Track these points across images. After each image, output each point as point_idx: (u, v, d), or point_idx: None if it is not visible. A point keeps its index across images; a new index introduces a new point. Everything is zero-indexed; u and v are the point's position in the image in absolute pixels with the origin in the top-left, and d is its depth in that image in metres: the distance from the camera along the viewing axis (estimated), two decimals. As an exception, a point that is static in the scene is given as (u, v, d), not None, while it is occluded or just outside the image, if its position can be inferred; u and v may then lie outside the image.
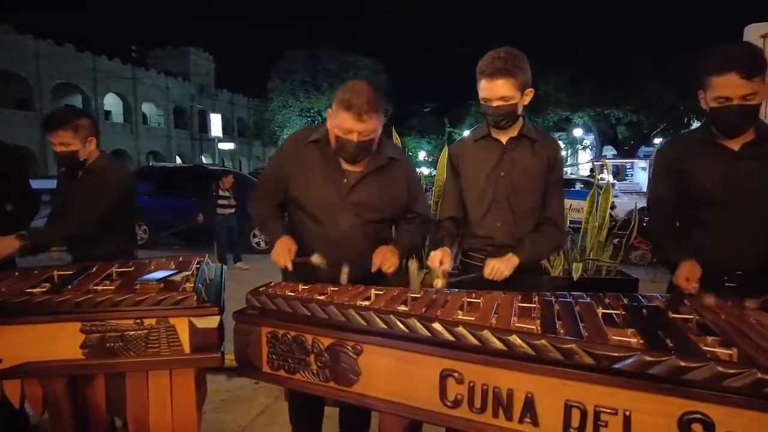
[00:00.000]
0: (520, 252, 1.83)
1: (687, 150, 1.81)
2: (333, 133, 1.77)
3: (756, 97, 1.59)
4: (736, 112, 1.61)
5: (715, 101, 1.64)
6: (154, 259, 2.20)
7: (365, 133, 1.71)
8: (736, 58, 1.57)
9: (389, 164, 1.88)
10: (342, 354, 1.40)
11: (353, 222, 1.84)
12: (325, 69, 30.38)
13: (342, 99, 1.68)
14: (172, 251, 9.18)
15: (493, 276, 1.79)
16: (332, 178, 1.84)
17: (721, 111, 1.64)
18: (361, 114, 1.65)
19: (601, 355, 1.08)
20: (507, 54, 1.76)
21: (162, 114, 36.89)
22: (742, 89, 1.58)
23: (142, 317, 1.60)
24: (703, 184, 1.75)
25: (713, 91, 1.64)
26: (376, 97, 1.69)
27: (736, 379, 0.97)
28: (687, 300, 1.49)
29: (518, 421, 1.19)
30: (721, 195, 1.72)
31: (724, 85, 1.60)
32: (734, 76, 1.57)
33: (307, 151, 1.86)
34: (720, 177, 1.72)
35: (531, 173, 1.87)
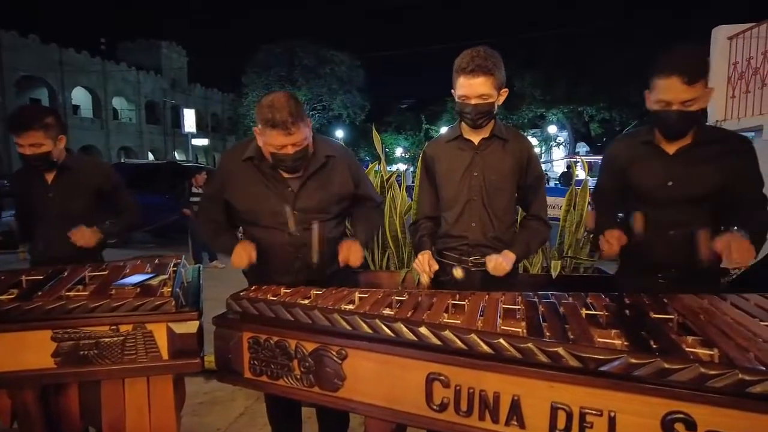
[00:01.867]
0: (516, 248, 1.86)
1: (631, 151, 1.84)
2: (267, 150, 1.77)
3: (695, 103, 1.60)
4: (675, 116, 1.63)
5: (657, 104, 1.66)
6: (129, 262, 2.14)
7: (298, 143, 1.72)
8: (680, 63, 1.57)
9: (328, 162, 1.89)
10: (326, 359, 1.38)
11: (303, 227, 1.85)
12: (301, 64, 30.10)
13: (265, 118, 1.67)
14: (145, 250, 8.98)
15: (497, 271, 1.80)
16: (275, 189, 1.84)
17: (661, 114, 1.66)
18: (288, 128, 1.66)
19: (587, 358, 1.09)
20: (486, 52, 1.76)
21: (133, 109, 35.92)
22: (682, 94, 1.58)
23: (118, 323, 1.55)
24: (641, 185, 1.79)
25: (655, 93, 1.65)
26: (297, 107, 1.69)
27: (719, 379, 0.99)
28: (666, 299, 1.52)
29: (505, 424, 1.19)
30: (656, 196, 1.76)
31: (666, 88, 1.60)
32: (676, 81, 1.57)
33: (243, 169, 1.86)
34: (655, 178, 1.75)
35: (504, 173, 1.88)
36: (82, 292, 1.67)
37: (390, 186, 3.44)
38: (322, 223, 1.86)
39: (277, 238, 1.85)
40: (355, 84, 32.39)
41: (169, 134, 38.61)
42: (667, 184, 1.74)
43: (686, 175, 1.72)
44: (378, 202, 2.15)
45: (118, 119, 35.35)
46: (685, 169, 1.72)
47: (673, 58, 1.59)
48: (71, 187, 2.23)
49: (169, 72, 38.69)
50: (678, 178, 1.73)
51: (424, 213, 2.04)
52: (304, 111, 1.76)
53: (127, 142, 35.07)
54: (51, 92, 29.52)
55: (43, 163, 2.16)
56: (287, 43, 30.61)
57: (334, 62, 30.70)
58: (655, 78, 1.63)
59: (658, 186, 1.76)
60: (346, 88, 31.80)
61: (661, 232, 1.77)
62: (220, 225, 1.98)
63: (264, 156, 1.82)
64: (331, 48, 31.21)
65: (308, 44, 30.62)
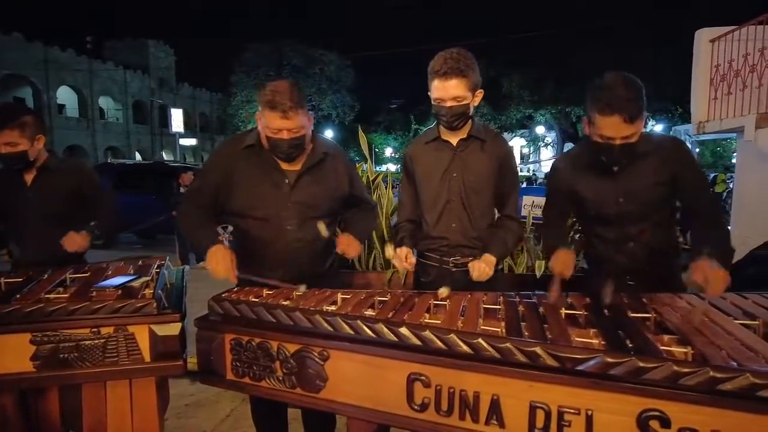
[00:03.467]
0: (493, 250, 1.86)
1: (576, 170, 1.85)
2: (264, 134, 1.78)
3: (635, 135, 1.62)
4: (618, 149, 1.64)
5: (599, 137, 1.66)
6: (111, 263, 2.12)
7: (294, 130, 1.74)
8: (620, 103, 1.56)
9: (325, 159, 1.90)
10: (308, 360, 1.38)
11: (298, 220, 1.85)
12: (290, 63, 29.98)
13: (266, 100, 1.70)
14: (132, 251, 8.90)
15: (481, 278, 1.80)
16: (273, 179, 1.85)
17: (603, 147, 1.67)
18: (286, 111, 1.68)
19: (564, 357, 1.10)
20: (459, 54, 1.77)
21: (120, 108, 35.48)
22: (624, 131, 1.60)
23: (99, 326, 1.54)
24: (593, 206, 1.82)
25: (597, 128, 1.65)
26: (298, 94, 1.72)
27: (691, 377, 1.01)
28: (645, 298, 1.54)
29: (485, 423, 1.20)
30: (610, 214, 1.79)
31: (608, 125, 1.61)
32: (617, 119, 1.58)
33: (243, 157, 1.86)
34: (604, 196, 1.78)
35: (482, 173, 1.90)
36: (63, 295, 1.65)
37: (376, 186, 3.45)
38: None
39: (270, 230, 1.84)
40: (344, 84, 32.33)
41: (157, 134, 38.23)
42: (618, 201, 1.76)
43: (635, 190, 1.75)
44: (372, 204, 2.17)
45: (105, 119, 34.91)
46: (633, 183, 1.75)
47: (614, 95, 1.57)
48: (50, 188, 2.21)
49: (157, 71, 38.30)
50: (626, 193, 1.75)
51: (405, 215, 2.04)
52: (306, 101, 1.78)
53: (114, 142, 34.66)
54: (35, 91, 29.06)
55: (18, 162, 2.13)
56: (276, 42, 30.47)
57: (323, 62, 30.63)
58: (596, 114, 1.62)
59: (610, 204, 1.78)
60: (336, 88, 31.74)
61: (619, 246, 1.81)
62: (205, 215, 1.90)
63: (263, 144, 1.83)
64: (320, 48, 31.14)
65: (297, 44, 30.51)
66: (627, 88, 1.58)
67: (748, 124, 5.22)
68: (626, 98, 1.57)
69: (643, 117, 1.63)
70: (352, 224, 2.03)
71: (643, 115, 1.63)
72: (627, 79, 1.61)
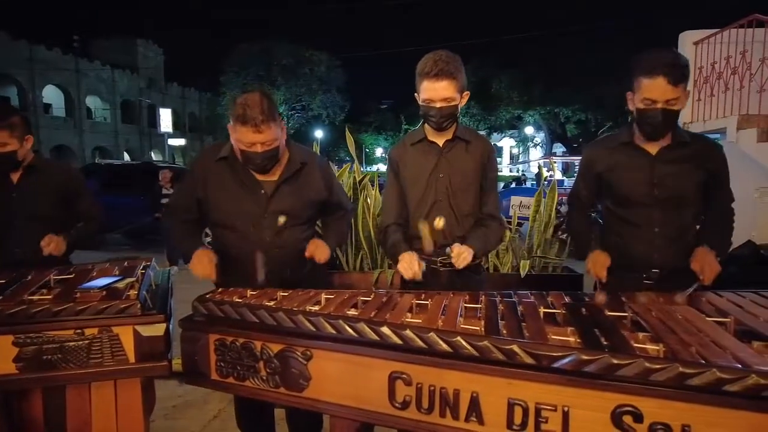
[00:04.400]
0: (474, 245, 1.89)
1: (610, 153, 1.91)
2: (237, 147, 1.79)
3: (678, 103, 1.71)
4: (660, 114, 1.71)
5: (642, 102, 1.74)
6: (96, 265, 2.12)
7: (268, 143, 1.74)
8: (666, 64, 1.67)
9: (302, 168, 1.92)
10: (292, 360, 1.39)
11: (277, 230, 1.86)
12: (280, 64, 29.89)
13: (237, 114, 1.70)
14: (120, 252, 8.83)
15: (458, 260, 1.83)
16: (249, 190, 1.86)
17: (646, 112, 1.74)
18: (258, 125, 1.69)
19: (540, 355, 1.13)
20: (447, 56, 1.80)
21: (108, 108, 35.10)
22: (667, 93, 1.68)
23: (83, 327, 1.54)
24: (624, 186, 1.86)
25: (641, 92, 1.73)
26: (270, 106, 1.72)
27: (661, 373, 1.04)
28: (624, 297, 1.58)
29: (464, 420, 1.22)
30: (640, 196, 1.84)
31: (652, 87, 1.69)
32: (662, 80, 1.66)
33: (217, 169, 1.88)
34: (639, 179, 1.83)
35: (468, 173, 1.93)
36: (46, 296, 1.65)
37: (363, 187, 3.46)
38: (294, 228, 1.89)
39: (249, 241, 1.86)
40: (334, 84, 32.31)
41: (146, 134, 37.86)
42: (652, 183, 1.81)
43: (671, 174, 1.80)
44: (348, 209, 2.19)
45: (93, 119, 34.49)
46: (670, 168, 1.80)
47: (659, 59, 1.68)
48: (36, 188, 2.21)
49: (146, 71, 37.93)
50: (663, 177, 1.80)
51: (391, 218, 2.02)
52: (278, 112, 1.78)
53: (102, 142, 34.28)
54: (20, 90, 28.65)
55: (8, 162, 2.14)
56: (265, 42, 30.37)
57: (313, 62, 30.58)
58: (641, 77, 1.71)
59: (644, 185, 1.82)
60: (326, 88, 31.71)
61: (643, 231, 1.84)
62: (189, 228, 1.97)
63: (237, 156, 1.84)
64: (310, 48, 31.08)
65: (286, 44, 30.43)
66: (672, 55, 1.70)
67: (730, 125, 5.32)
68: (671, 61, 1.67)
69: (685, 85, 1.71)
70: (324, 230, 2.06)
71: (686, 85, 1.71)
72: (671, 50, 1.73)
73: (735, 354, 1.09)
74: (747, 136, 5.13)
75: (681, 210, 1.83)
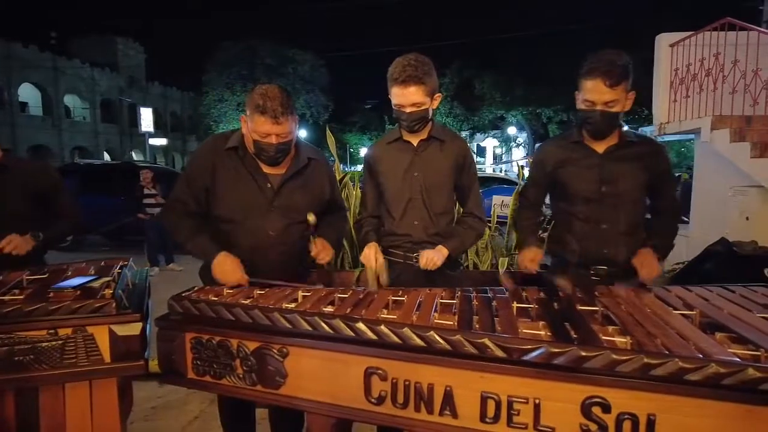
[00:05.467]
0: (448, 243, 1.93)
1: (560, 151, 1.97)
2: (251, 138, 1.79)
3: (617, 105, 1.76)
4: (599, 115, 1.77)
5: (583, 103, 1.80)
6: (72, 264, 2.09)
7: (283, 135, 1.75)
8: (602, 67, 1.72)
9: (309, 164, 1.93)
10: (268, 357, 1.39)
11: (281, 225, 1.87)
12: (263, 63, 29.70)
13: (256, 104, 1.70)
14: (99, 253, 8.69)
15: (428, 266, 1.87)
16: (256, 183, 1.85)
17: (587, 113, 1.80)
18: (277, 117, 1.69)
19: (511, 348, 1.15)
20: (417, 61, 1.82)
21: (87, 107, 34.47)
22: (605, 95, 1.73)
23: (57, 327, 1.52)
24: (574, 184, 1.92)
25: (582, 93, 1.80)
26: (288, 100, 1.74)
27: (627, 364, 1.07)
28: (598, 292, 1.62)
29: (439, 414, 1.24)
30: (589, 194, 1.89)
31: (591, 89, 1.75)
32: (599, 82, 1.72)
33: (225, 159, 1.85)
34: (587, 176, 1.89)
35: (442, 172, 1.97)
36: (18, 296, 1.63)
37: (344, 186, 3.47)
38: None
39: (253, 235, 1.85)
40: (318, 84, 32.20)
41: (126, 134, 37.29)
42: (600, 181, 1.86)
43: (617, 172, 1.86)
44: (345, 210, 2.22)
45: (71, 118, 33.86)
46: (616, 167, 1.86)
47: (597, 62, 1.73)
48: (7, 188, 2.17)
49: (126, 69, 37.35)
50: (609, 174, 1.86)
51: (368, 212, 2.10)
52: (294, 107, 1.79)
53: (82, 141, 33.65)
54: (-5, 88, 28.02)
55: None
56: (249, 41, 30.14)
57: (297, 61, 30.45)
58: (582, 79, 1.77)
59: (592, 183, 1.88)
60: (309, 87, 31.59)
61: (592, 228, 1.89)
62: (197, 222, 1.89)
63: (246, 147, 1.83)
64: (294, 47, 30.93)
65: (270, 43, 30.24)
66: (612, 57, 1.73)
67: (704, 126, 5.44)
68: (608, 63, 1.71)
69: (624, 89, 1.75)
70: (326, 231, 2.05)
71: (626, 86, 1.75)
72: (614, 51, 1.76)
73: (697, 345, 1.13)
74: (720, 136, 5.25)
75: (628, 207, 1.88)
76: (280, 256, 1.87)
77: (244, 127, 1.81)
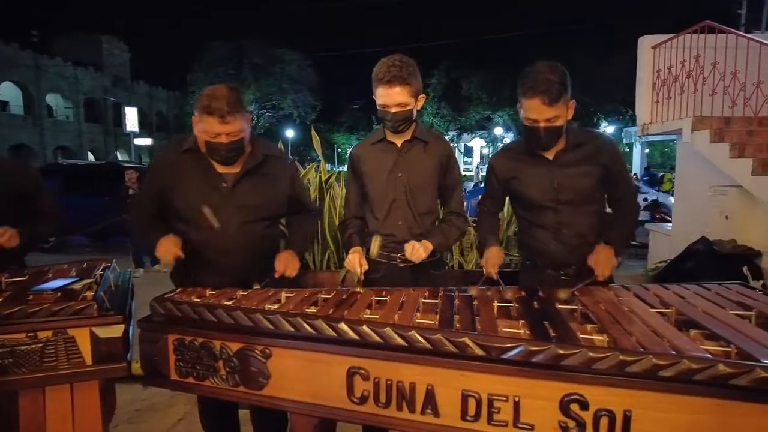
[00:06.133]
0: (432, 238, 1.95)
1: (512, 161, 1.98)
2: (202, 138, 1.80)
3: (559, 119, 1.76)
4: (542, 132, 1.78)
5: (526, 120, 1.81)
6: (53, 266, 2.07)
7: (233, 134, 1.76)
8: (540, 86, 1.71)
9: (266, 161, 1.92)
10: (251, 358, 1.40)
11: (238, 223, 1.86)
12: (251, 62, 29.52)
13: (203, 105, 1.72)
14: (83, 255, 8.57)
15: (412, 256, 1.88)
16: (211, 183, 1.85)
17: (530, 130, 1.81)
18: (224, 116, 1.70)
19: (491, 347, 1.17)
20: (401, 62, 1.84)
21: (71, 106, 33.95)
22: (545, 113, 1.74)
23: (36, 330, 1.51)
24: (528, 192, 1.94)
25: (524, 111, 1.80)
26: (236, 98, 1.75)
27: (603, 361, 1.09)
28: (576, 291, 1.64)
29: (420, 413, 1.25)
30: (544, 201, 1.91)
31: (531, 108, 1.75)
32: (538, 102, 1.72)
33: (180, 161, 1.87)
34: (541, 184, 1.90)
35: (426, 173, 1.98)
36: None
37: (329, 186, 3.47)
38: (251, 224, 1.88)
39: (210, 234, 1.84)
40: (305, 83, 32.10)
41: (111, 133, 36.74)
42: (554, 188, 1.88)
43: (569, 176, 1.87)
44: (313, 210, 2.20)
45: (54, 117, 33.30)
46: (568, 171, 1.87)
47: (534, 80, 1.72)
48: None
49: (111, 69, 36.82)
50: (562, 180, 1.87)
51: (351, 212, 2.11)
52: (244, 105, 1.80)
53: (65, 141, 33.10)
54: (-26, 87, 27.45)
55: None
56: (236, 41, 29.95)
57: (284, 61, 30.31)
58: (522, 98, 1.78)
59: (546, 191, 1.89)
60: (297, 87, 31.47)
61: (553, 233, 1.91)
62: (152, 222, 1.93)
63: (200, 148, 1.83)
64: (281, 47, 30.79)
65: (257, 43, 30.07)
66: (548, 73, 1.72)
67: (685, 126, 5.52)
68: (546, 81, 1.70)
69: (565, 102, 1.75)
70: (293, 239, 2.05)
71: (566, 100, 1.75)
72: (549, 65, 1.75)
73: (672, 342, 1.16)
74: (701, 137, 5.33)
75: (584, 208, 1.90)
76: (240, 254, 1.86)
77: (196, 129, 1.82)
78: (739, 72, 5.32)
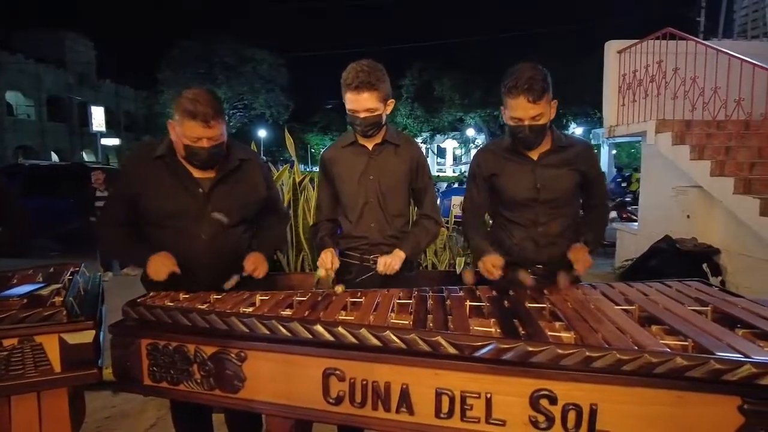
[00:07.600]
0: (405, 246, 1.97)
1: (496, 158, 2.02)
2: (181, 143, 1.77)
3: (542, 117, 1.81)
4: (527, 130, 1.83)
5: (511, 120, 1.85)
6: (18, 272, 2.01)
7: (215, 138, 1.75)
8: (523, 84, 1.75)
9: (241, 165, 1.91)
10: (226, 362, 1.39)
11: (214, 229, 1.84)
12: (221, 61, 29.06)
13: (185, 109, 1.69)
14: (49, 259, 8.30)
15: (387, 270, 1.91)
16: (186, 189, 1.83)
17: (515, 129, 1.85)
18: (207, 120, 1.69)
19: (462, 345, 1.20)
20: (369, 67, 1.85)
21: (32, 105, 32.75)
22: (530, 111, 1.78)
23: (1, 338, 1.47)
24: (510, 190, 1.98)
25: (509, 111, 1.84)
26: (218, 103, 1.75)
27: (570, 357, 1.14)
28: (546, 290, 1.70)
29: (395, 412, 1.27)
30: (525, 200, 1.96)
31: (516, 107, 1.80)
32: (523, 100, 1.77)
33: (153, 168, 1.83)
34: (523, 183, 1.95)
35: (397, 175, 2.01)
36: (-42, 307, 1.55)
37: (303, 188, 3.47)
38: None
39: (185, 240, 1.82)
40: (278, 83, 31.76)
41: (77, 133, 35.57)
42: (535, 187, 1.93)
43: (551, 177, 1.93)
44: (283, 213, 2.20)
45: (14, 115, 32.06)
46: (550, 172, 1.93)
47: (518, 79, 1.76)
48: None
49: (76, 66, 35.64)
50: (544, 180, 1.93)
51: (323, 215, 2.11)
52: (224, 110, 1.80)
53: (26, 140, 31.88)
54: (-74, 83, 26.18)
55: None
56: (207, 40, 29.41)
57: (256, 60, 29.94)
58: (506, 97, 1.82)
59: (528, 190, 1.94)
60: (269, 87, 31.12)
61: (529, 231, 1.97)
62: (128, 232, 1.88)
63: (176, 154, 1.81)
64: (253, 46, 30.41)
65: (228, 41, 29.61)
66: (530, 72, 1.76)
67: (649, 129, 5.73)
68: (529, 80, 1.74)
69: (548, 100, 1.80)
70: (260, 240, 2.02)
71: (548, 98, 1.80)
72: (531, 65, 1.79)
73: (635, 338, 1.21)
74: (663, 139, 5.54)
75: (561, 209, 1.96)
76: (214, 260, 1.84)
77: (173, 133, 1.79)
78: (699, 77, 5.54)
